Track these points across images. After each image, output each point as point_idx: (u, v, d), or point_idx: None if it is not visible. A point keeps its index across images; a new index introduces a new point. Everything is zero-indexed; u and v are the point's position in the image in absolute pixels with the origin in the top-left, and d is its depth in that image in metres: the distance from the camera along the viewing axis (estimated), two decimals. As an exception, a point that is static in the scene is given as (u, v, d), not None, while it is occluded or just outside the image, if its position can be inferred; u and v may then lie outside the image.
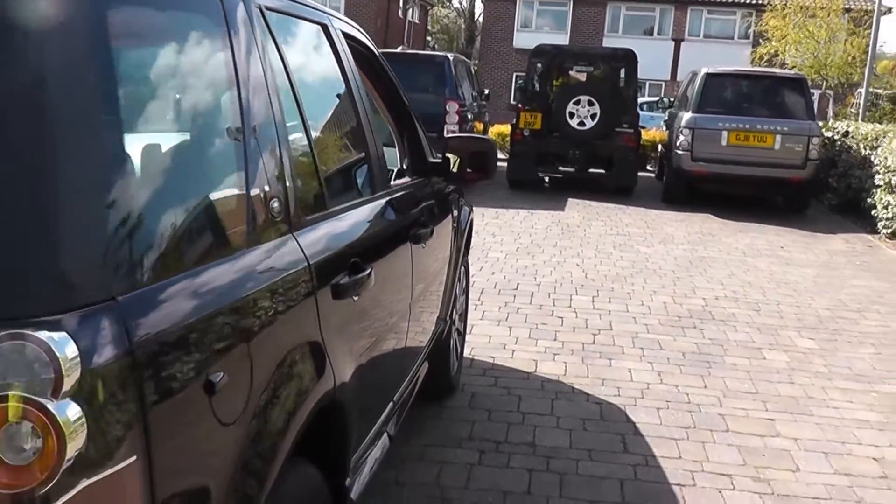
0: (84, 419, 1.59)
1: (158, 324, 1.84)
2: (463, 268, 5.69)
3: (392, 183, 4.06)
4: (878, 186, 13.40)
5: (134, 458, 1.70)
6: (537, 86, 17.33)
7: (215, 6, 2.44)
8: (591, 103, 16.00)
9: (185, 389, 1.90)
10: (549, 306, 8.02)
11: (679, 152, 15.04)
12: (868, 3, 29.14)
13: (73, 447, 1.57)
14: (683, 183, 15.42)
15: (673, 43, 42.46)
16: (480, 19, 61.42)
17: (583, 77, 18.48)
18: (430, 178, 4.72)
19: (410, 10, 49.24)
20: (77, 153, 1.75)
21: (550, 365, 6.39)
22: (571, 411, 5.54)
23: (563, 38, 41.89)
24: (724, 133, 14.76)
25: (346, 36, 3.82)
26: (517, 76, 42.32)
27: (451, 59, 16.69)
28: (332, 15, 3.72)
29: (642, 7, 43.49)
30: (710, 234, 12.70)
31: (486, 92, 22.16)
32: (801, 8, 26.14)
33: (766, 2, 34.34)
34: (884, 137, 13.88)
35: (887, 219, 12.90)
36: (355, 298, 2.98)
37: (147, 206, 1.95)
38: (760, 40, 28.47)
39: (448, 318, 5.21)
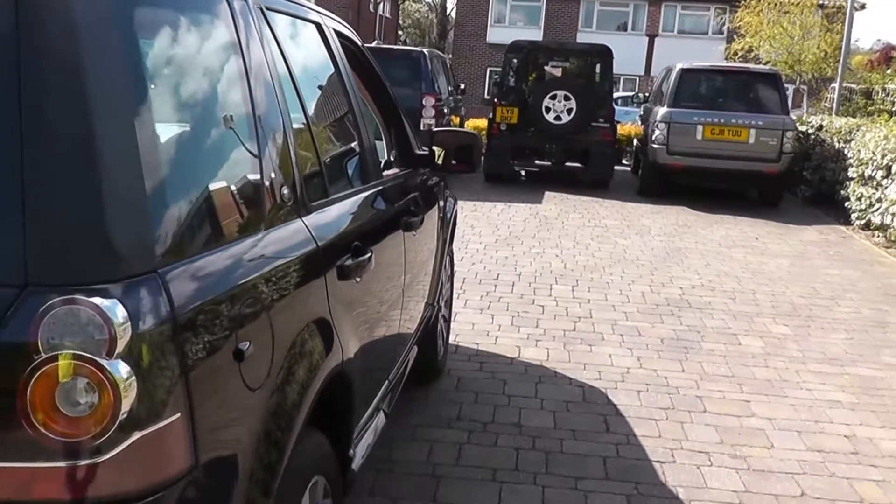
0: (134, 378, 1.75)
1: (194, 294, 2.02)
2: (448, 257, 5.86)
3: (383, 174, 4.24)
4: (852, 179, 13.67)
5: (178, 415, 1.87)
6: (513, 81, 17.52)
7: (224, 7, 2.61)
8: (567, 98, 16.21)
9: (219, 355, 2.08)
10: (529, 295, 8.21)
11: (655, 146, 15.27)
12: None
13: (127, 402, 1.74)
14: (659, 176, 15.64)
15: (647, 38, 42.87)
16: (452, 14, 61.58)
17: (558, 72, 18.69)
18: (417, 169, 4.89)
19: (381, 4, 49.36)
20: (123, 144, 1.91)
21: (533, 351, 6.57)
22: (555, 394, 5.72)
23: (536, 34, 42.16)
24: (699, 127, 15.00)
25: (338, 34, 4.00)
26: (491, 71, 42.60)
27: (427, 53, 16.86)
28: (324, 14, 3.89)
29: (616, 2, 43.81)
30: (686, 225, 12.93)
31: (462, 87, 22.32)
32: (775, 4, 26.41)
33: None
34: (857, 131, 14.16)
35: (860, 210, 13.16)
36: (357, 280, 3.16)
37: (181, 190, 2.13)
38: (735, 36, 28.70)
39: (435, 305, 5.39)
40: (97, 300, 1.74)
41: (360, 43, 4.48)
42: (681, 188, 15.64)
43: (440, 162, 5.00)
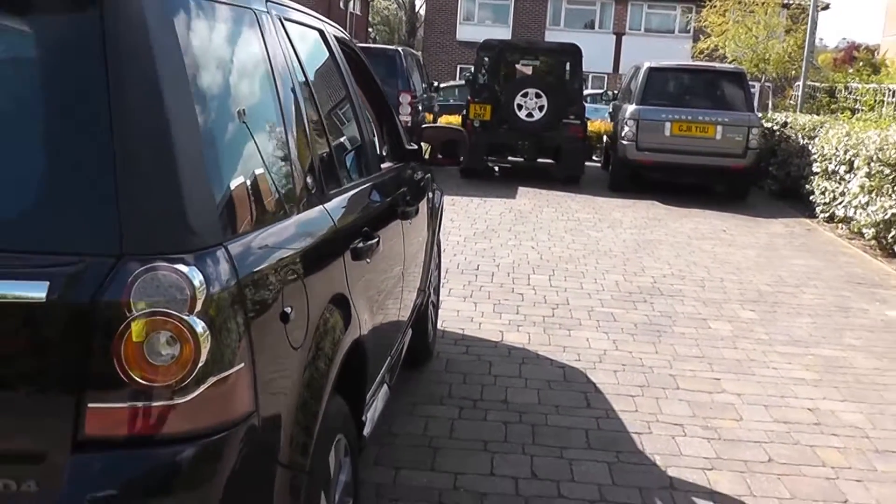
0: (209, 332, 2.10)
1: (251, 264, 2.37)
2: (436, 246, 6.22)
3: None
4: (816, 174, 14.11)
5: (242, 364, 2.22)
6: (486, 79, 17.89)
7: (253, 19, 2.96)
8: (538, 95, 16.59)
9: (270, 316, 2.43)
10: (509, 284, 8.57)
11: (624, 142, 15.68)
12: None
13: (204, 352, 2.08)
14: (629, 171, 16.07)
15: (614, 36, 43.34)
16: (421, 11, 61.79)
17: (529, 70, 19.06)
18: (407, 162, 5.24)
19: (352, 2, 49.52)
20: (192, 143, 2.26)
21: (515, 335, 6.94)
22: (538, 374, 6.09)
23: (505, 31, 42.48)
24: (668, 124, 15.43)
25: (337, 39, 4.35)
26: (461, 68, 42.91)
27: (402, 52, 17.21)
28: (325, 21, 4.25)
29: (583, 1, 44.20)
30: (656, 219, 13.34)
31: (436, 84, 22.68)
32: (740, 3, 26.89)
33: (704, -3, 35.26)
34: (821, 128, 14.61)
35: (824, 203, 13.61)
36: (368, 261, 3.52)
37: (235, 178, 2.49)
38: (701, 35, 29.15)
39: (426, 290, 5.74)
40: (179, 266, 2.08)
41: (354, 46, 4.84)
42: (650, 183, 16.07)
43: (427, 156, 5.36)
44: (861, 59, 22.61)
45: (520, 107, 16.51)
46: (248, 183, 2.58)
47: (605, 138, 19.55)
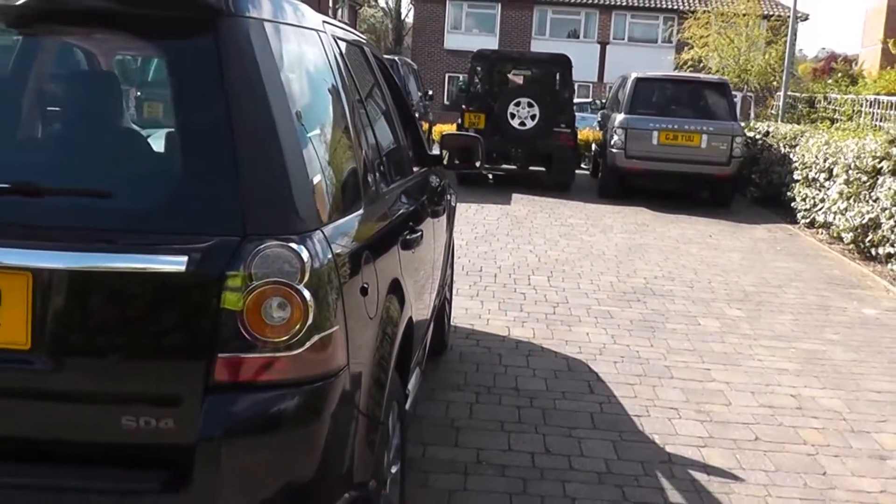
0: (314, 298, 2.64)
1: (341, 244, 2.93)
2: (451, 246, 6.77)
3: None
4: (797, 181, 14.70)
5: (338, 327, 2.77)
6: (479, 88, 18.45)
7: (317, 38, 3.51)
8: (530, 105, 17.14)
9: (354, 288, 3.00)
10: (511, 284, 9.14)
11: (614, 150, 16.25)
12: (785, 11, 30.67)
13: (311, 314, 2.63)
14: (618, 179, 16.64)
15: (599, 46, 44.00)
16: (408, 19, 62.30)
17: (520, 80, 19.63)
18: (430, 167, 5.78)
19: (340, 10, 50.08)
20: (296, 146, 2.82)
21: (521, 330, 7.50)
22: (544, 365, 6.64)
23: (492, 40, 43.14)
24: (655, 133, 16.00)
25: (373, 54, 4.91)
26: (449, 76, 43.51)
27: (398, 61, 17.77)
28: (364, 39, 4.81)
29: (568, 10, 44.87)
30: (645, 224, 13.91)
31: (430, 93, 23.24)
32: (721, 14, 27.52)
33: (686, 8, 35.92)
34: (801, 137, 15.20)
35: (805, 210, 14.20)
36: (413, 251, 4.09)
37: (325, 175, 3.06)
38: (684, 47, 29.73)
39: (445, 285, 6.29)
40: (291, 244, 2.63)
41: (384, 61, 5.40)
42: (638, 190, 16.66)
43: (445, 161, 5.92)
44: (839, 70, 23.19)
45: (513, 115, 17.05)
46: (333, 179, 3.16)
47: (593, 146, 20.13)
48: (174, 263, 2.57)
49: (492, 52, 19.60)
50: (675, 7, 42.27)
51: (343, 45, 3.96)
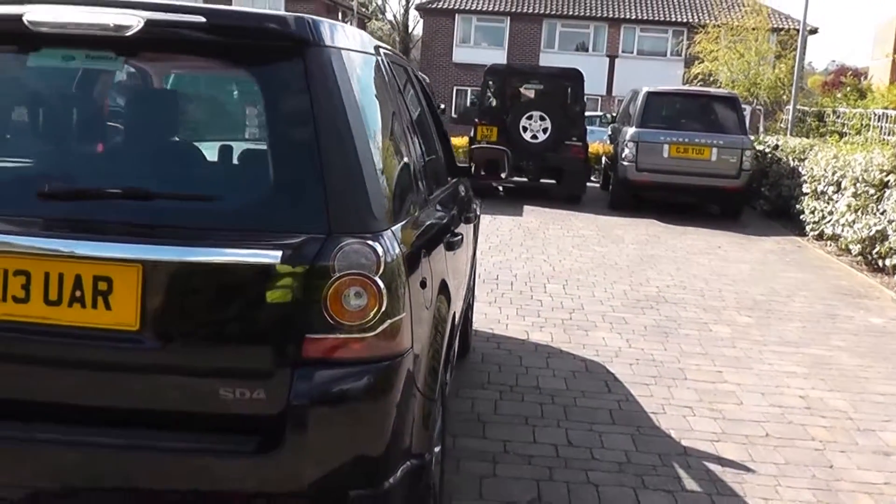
0: (386, 288, 2.98)
1: (406, 243, 3.29)
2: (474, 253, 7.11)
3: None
4: (806, 194, 15.03)
5: (405, 314, 3.12)
6: (492, 102, 18.80)
7: (376, 61, 3.89)
8: (542, 118, 17.50)
9: (416, 281, 3.35)
10: (528, 292, 9.46)
11: (625, 163, 16.58)
12: (795, 24, 30.95)
13: (384, 302, 2.98)
14: (629, 191, 16.98)
15: (608, 59, 44.33)
16: (414, 32, 62.78)
17: (532, 94, 19.98)
18: (460, 177, 6.12)
19: (349, 22, 50.60)
20: (371, 160, 3.19)
21: (539, 334, 7.82)
22: (563, 366, 6.96)
23: (500, 54, 43.52)
24: (666, 146, 16.34)
25: (413, 73, 5.28)
26: (458, 90, 43.89)
27: (414, 76, 18.07)
28: (405, 59, 5.19)
29: (577, 24, 45.19)
30: (656, 236, 14.23)
31: (443, 107, 23.63)
32: (731, 29, 27.86)
33: (696, 21, 36.25)
34: (810, 150, 15.53)
35: (813, 222, 14.51)
36: (454, 253, 4.44)
37: (392, 184, 3.43)
38: (695, 61, 30.04)
39: (470, 289, 6.62)
40: (368, 242, 2.99)
41: (422, 79, 5.77)
42: (649, 202, 16.99)
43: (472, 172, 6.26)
44: (848, 83, 23.50)
45: (525, 129, 17.41)
46: (396, 186, 3.52)
47: (603, 159, 20.46)
48: (270, 257, 2.95)
49: (504, 67, 20.00)
50: (685, 21, 42.56)
51: (392, 66, 4.32)
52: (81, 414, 3.06)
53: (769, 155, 17.76)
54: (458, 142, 19.41)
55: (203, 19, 3.11)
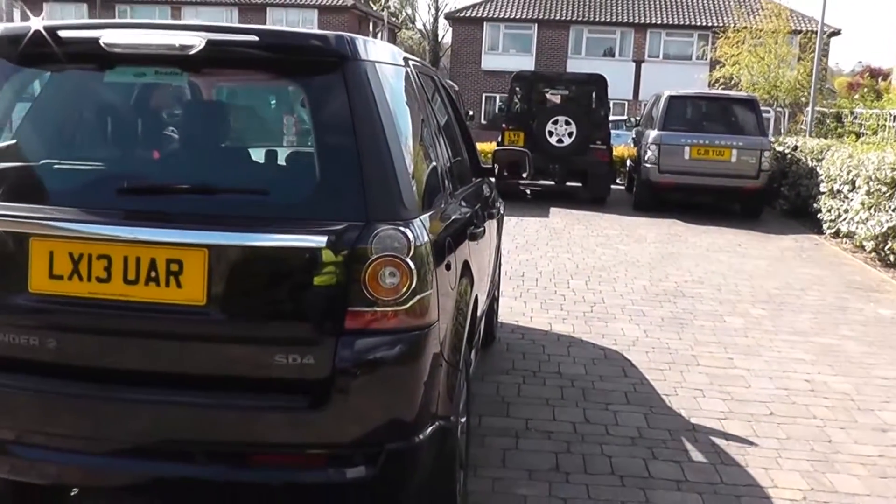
0: (416, 268, 3.47)
1: (433, 230, 3.77)
2: (499, 249, 7.59)
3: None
4: (823, 193, 15.41)
5: (432, 290, 3.61)
6: (518, 107, 19.30)
7: (406, 73, 4.40)
8: (567, 123, 17.99)
9: (440, 264, 3.83)
10: (551, 287, 9.95)
11: (648, 165, 17.04)
12: (817, 26, 31.15)
13: (414, 281, 3.46)
14: (652, 192, 17.44)
15: (634, 64, 44.67)
16: (444, 40, 63.32)
17: (558, 99, 20.46)
18: (483, 177, 6.60)
19: (380, 34, 51.24)
20: (403, 157, 3.68)
21: (561, 326, 8.30)
22: (583, 354, 7.44)
23: (528, 60, 44.01)
24: (687, 148, 16.77)
25: (441, 82, 5.79)
26: (486, 97, 44.37)
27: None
28: (433, 69, 5.71)
29: (603, 30, 45.58)
30: (677, 235, 14.68)
31: (472, 113, 24.13)
32: (751, 32, 28.17)
33: (720, 25, 36.53)
34: (828, 151, 15.91)
35: (830, 220, 14.90)
36: (477, 243, 4.94)
37: (420, 178, 3.93)
38: (718, 64, 30.36)
39: (495, 283, 7.11)
40: (401, 228, 3.48)
41: (451, 87, 6.29)
42: (671, 203, 17.44)
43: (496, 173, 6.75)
44: (865, 85, 23.82)
45: (550, 133, 17.90)
46: (425, 181, 4.03)
47: (628, 162, 20.91)
48: (317, 242, 3.42)
49: (531, 73, 20.51)
50: (709, 24, 42.85)
51: (420, 76, 4.82)
52: (156, 378, 3.56)
53: (789, 156, 18.15)
54: (488, 147, 19.85)
55: (256, 38, 3.64)
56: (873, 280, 11.53)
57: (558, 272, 10.87)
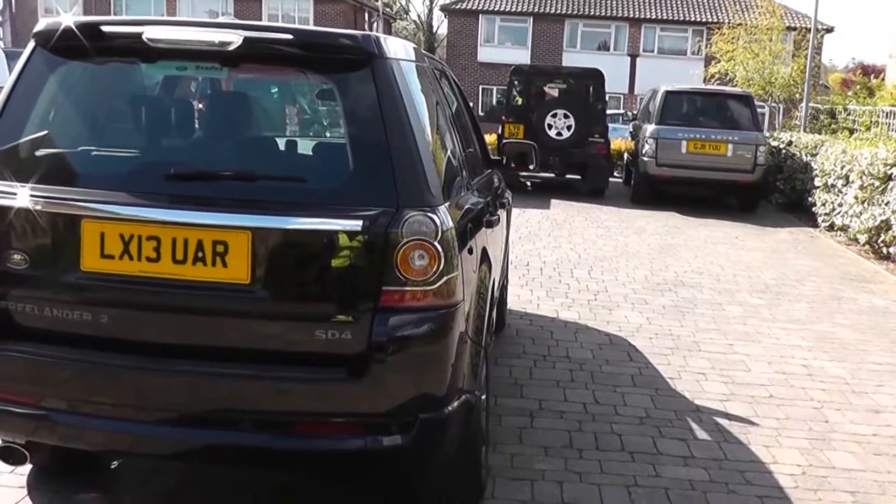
0: (443, 251, 3.76)
1: (455, 218, 4.04)
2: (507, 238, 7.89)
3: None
4: (818, 188, 15.76)
5: (458, 272, 3.88)
6: (518, 101, 19.60)
7: (425, 68, 4.68)
8: (566, 116, 18.31)
9: (465, 248, 4.13)
10: (556, 277, 10.26)
11: (645, 159, 17.37)
12: (810, 23, 31.40)
13: (442, 262, 3.73)
14: (649, 185, 17.78)
15: (629, 58, 44.94)
16: (438, 31, 63.48)
17: (555, 93, 20.76)
18: (493, 169, 6.89)
19: (375, 24, 51.43)
20: (427, 149, 3.96)
21: (567, 313, 8.61)
22: (589, 339, 7.75)
23: (524, 53, 44.29)
24: (684, 142, 17.11)
25: (451, 77, 6.08)
26: (483, 88, 44.59)
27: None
28: (443, 64, 5.99)
29: (599, 24, 45.84)
30: (676, 227, 15.01)
31: (471, 104, 24.38)
32: (746, 29, 28.48)
33: (715, 21, 36.83)
34: (822, 146, 16.25)
35: (825, 214, 15.24)
36: (492, 230, 5.24)
37: (443, 168, 4.21)
38: (713, 60, 30.65)
39: (504, 271, 7.41)
40: (429, 214, 3.74)
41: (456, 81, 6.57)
42: (669, 196, 17.77)
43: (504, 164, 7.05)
44: (858, 82, 24.13)
45: (550, 126, 18.21)
46: (448, 171, 4.32)
47: (625, 156, 21.23)
48: (353, 226, 3.69)
49: (529, 67, 20.88)
50: (704, 20, 43.19)
51: (435, 71, 5.11)
52: (203, 351, 3.81)
53: (783, 151, 18.48)
54: (489, 139, 20.12)
55: (290, 36, 3.90)
56: (867, 271, 11.86)
57: (562, 262, 11.18)
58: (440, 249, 3.72)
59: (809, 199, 16.27)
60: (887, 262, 12.36)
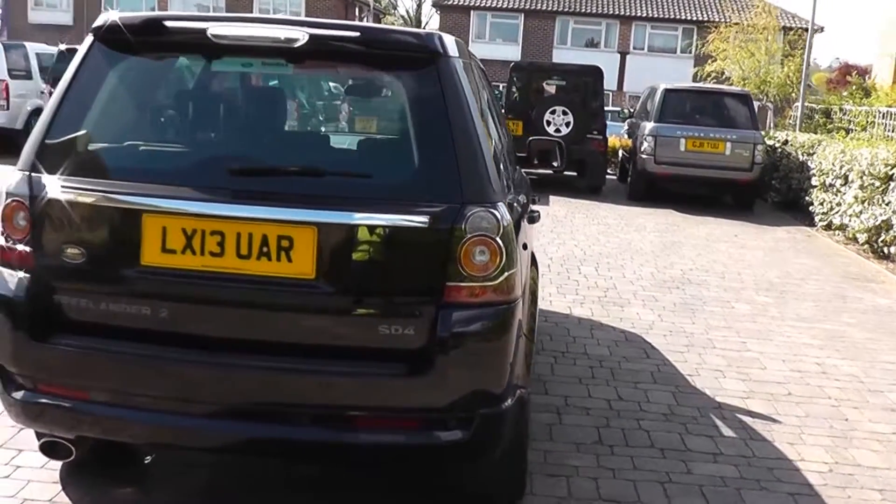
0: (505, 247, 3.82)
1: (512, 213, 4.09)
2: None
3: None
4: (814, 187, 15.89)
5: (517, 268, 3.95)
6: (517, 97, 19.68)
7: (472, 66, 4.75)
8: (565, 113, 18.38)
9: (520, 244, 4.19)
10: (564, 273, 10.35)
11: (644, 156, 17.47)
12: (801, 23, 31.62)
13: (503, 258, 3.80)
14: (647, 183, 17.87)
15: (619, 55, 45.04)
16: (426, 27, 63.43)
17: (553, 90, 20.84)
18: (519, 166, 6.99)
19: (365, 19, 51.40)
20: (486, 150, 4.02)
21: (580, 310, 8.69)
22: (605, 336, 7.84)
23: (515, 50, 44.33)
24: (682, 140, 17.22)
25: (485, 73, 6.15)
26: (474, 85, 44.52)
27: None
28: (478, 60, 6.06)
29: (589, 21, 45.93)
30: (675, 224, 15.12)
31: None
32: (742, 28, 28.63)
33: (705, 19, 36.97)
34: (818, 146, 16.38)
35: (822, 213, 15.36)
36: (533, 226, 5.30)
37: (499, 165, 4.27)
38: (708, 59, 30.76)
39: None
40: (492, 210, 3.80)
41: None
42: (666, 194, 17.87)
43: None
44: (854, 82, 24.27)
45: (548, 123, 18.26)
46: (502, 168, 4.38)
47: (620, 153, 21.33)
48: (419, 221, 3.74)
49: (528, 64, 20.95)
50: (694, 19, 43.38)
51: (477, 69, 5.18)
52: (266, 346, 3.84)
53: (779, 150, 18.61)
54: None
55: (357, 34, 3.95)
56: (868, 271, 11.99)
57: (568, 258, 11.27)
58: (501, 245, 3.77)
59: (806, 198, 16.39)
60: (887, 261, 12.49)
